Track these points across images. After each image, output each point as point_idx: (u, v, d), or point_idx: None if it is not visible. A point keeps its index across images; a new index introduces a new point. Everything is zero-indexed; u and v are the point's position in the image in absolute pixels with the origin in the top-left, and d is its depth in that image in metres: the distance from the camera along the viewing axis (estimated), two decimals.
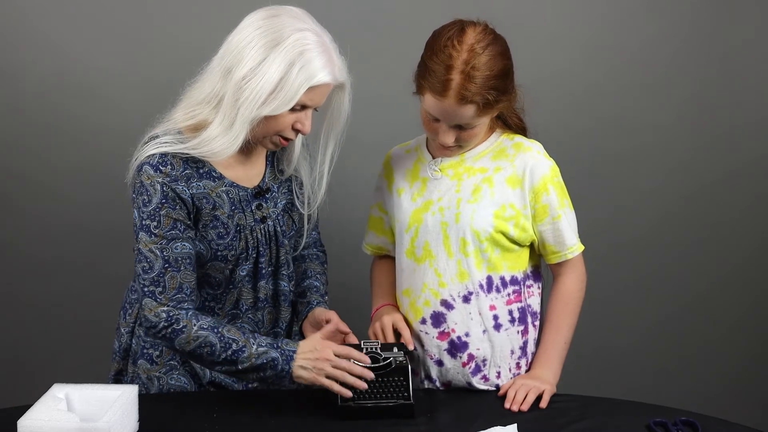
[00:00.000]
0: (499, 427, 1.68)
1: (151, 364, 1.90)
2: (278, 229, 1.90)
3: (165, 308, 1.76)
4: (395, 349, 1.82)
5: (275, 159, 1.94)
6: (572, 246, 1.90)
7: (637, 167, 2.75)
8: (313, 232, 2.08)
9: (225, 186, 1.83)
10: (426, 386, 1.93)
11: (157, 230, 1.76)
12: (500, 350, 1.88)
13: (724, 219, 2.80)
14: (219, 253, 1.82)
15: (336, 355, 1.75)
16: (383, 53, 2.54)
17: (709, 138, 2.75)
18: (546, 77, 2.56)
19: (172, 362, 1.90)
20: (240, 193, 1.85)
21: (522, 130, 1.94)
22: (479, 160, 1.89)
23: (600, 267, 2.37)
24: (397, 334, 1.90)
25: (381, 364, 1.77)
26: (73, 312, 2.67)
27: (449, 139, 1.81)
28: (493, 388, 1.89)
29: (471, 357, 1.88)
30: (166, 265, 1.76)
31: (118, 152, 2.51)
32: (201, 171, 1.81)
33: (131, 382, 1.92)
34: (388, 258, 2.06)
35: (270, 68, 1.69)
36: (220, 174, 1.83)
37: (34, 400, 1.60)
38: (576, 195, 1.95)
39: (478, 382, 1.89)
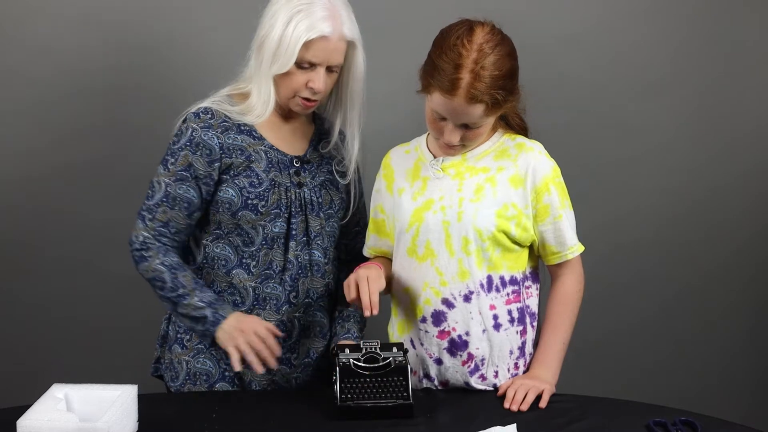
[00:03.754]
0: (498, 427, 1.68)
1: (182, 349, 1.97)
2: (314, 198, 1.97)
3: (145, 234, 1.92)
4: (395, 349, 1.82)
5: (319, 142, 2.03)
6: (572, 246, 1.91)
7: (638, 168, 2.75)
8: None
9: (264, 146, 1.94)
10: (424, 385, 1.93)
11: (171, 166, 1.90)
12: (499, 350, 1.88)
13: (725, 219, 2.80)
14: (249, 202, 1.90)
15: (258, 334, 1.83)
16: (383, 53, 2.54)
17: (711, 139, 2.75)
18: (546, 78, 2.56)
19: (199, 346, 1.95)
20: (279, 156, 1.95)
21: (523, 130, 1.94)
22: (481, 160, 1.89)
23: (600, 267, 2.37)
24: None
25: (380, 364, 1.77)
26: (73, 312, 2.67)
27: (455, 138, 1.81)
28: (491, 388, 1.89)
29: (471, 356, 1.88)
30: (164, 199, 1.90)
31: (118, 152, 2.53)
32: (242, 128, 1.93)
33: (166, 369, 2.00)
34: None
35: (275, 27, 1.84)
36: (261, 135, 1.94)
37: (34, 400, 1.60)
38: (576, 195, 1.95)
39: (476, 382, 1.89)
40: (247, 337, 1.83)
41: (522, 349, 1.92)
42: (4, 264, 2.66)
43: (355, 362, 1.78)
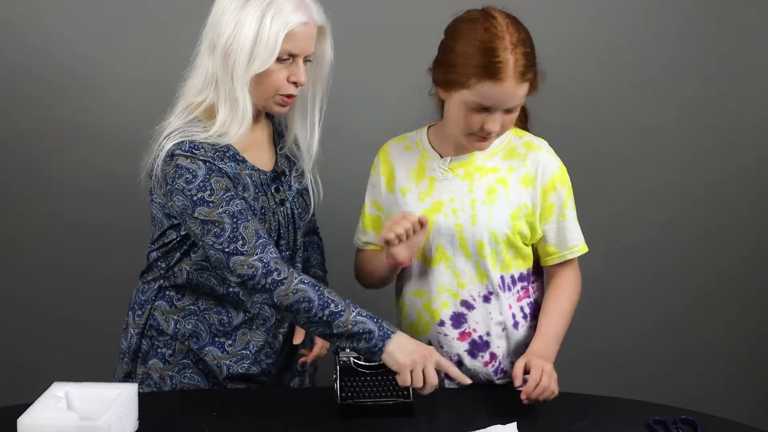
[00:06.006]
0: (499, 425, 1.68)
1: (164, 364, 1.91)
2: (295, 211, 1.92)
3: (255, 257, 1.70)
4: None
5: (279, 145, 1.96)
6: (574, 247, 1.89)
7: (637, 167, 2.75)
8: (312, 217, 2.09)
9: (248, 169, 1.84)
10: (446, 385, 1.89)
11: (212, 197, 1.73)
12: (516, 346, 1.89)
13: (725, 219, 2.80)
14: None
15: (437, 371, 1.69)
16: (384, 51, 2.54)
17: (710, 137, 2.75)
18: (544, 76, 2.56)
19: (185, 361, 1.90)
20: (261, 177, 1.87)
21: (525, 117, 1.91)
22: (490, 159, 1.87)
23: (600, 267, 2.37)
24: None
25: (380, 362, 1.77)
26: (73, 311, 2.67)
27: (497, 126, 1.74)
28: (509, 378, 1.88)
29: (493, 356, 1.87)
30: (235, 220, 1.72)
31: (118, 151, 2.53)
32: (227, 154, 1.81)
33: (141, 383, 1.91)
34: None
35: (244, 26, 1.73)
36: (243, 158, 1.84)
37: (34, 399, 1.60)
38: (577, 195, 1.95)
39: (499, 378, 1.89)
40: (436, 363, 1.69)
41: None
42: (5, 264, 2.66)
43: (356, 361, 1.77)
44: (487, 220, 1.82)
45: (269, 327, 1.93)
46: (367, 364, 1.77)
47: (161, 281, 1.90)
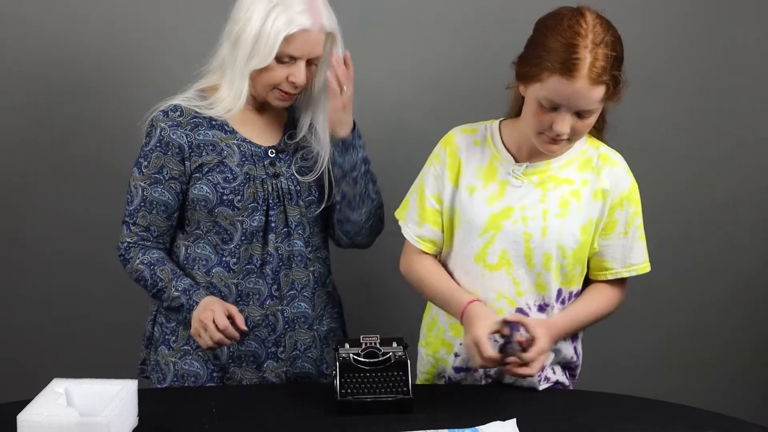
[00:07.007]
0: (498, 422, 1.68)
1: (169, 350, 1.96)
2: (291, 187, 1.94)
3: (129, 240, 1.94)
4: (394, 344, 1.82)
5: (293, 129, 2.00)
6: (634, 265, 1.86)
7: (634, 165, 2.74)
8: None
9: (237, 140, 1.92)
10: (483, 382, 1.90)
11: (145, 169, 1.91)
12: (557, 356, 1.88)
13: (726, 218, 2.79)
14: (225, 197, 1.88)
15: (218, 325, 1.79)
16: (394, 48, 2.54)
17: (709, 135, 2.74)
18: None
19: (185, 347, 1.94)
20: (252, 148, 1.93)
21: (602, 124, 1.85)
22: (565, 170, 1.82)
23: None
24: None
25: (380, 359, 1.77)
26: (73, 308, 2.67)
27: (566, 127, 1.68)
28: (553, 383, 1.89)
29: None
30: (142, 204, 1.91)
31: (118, 147, 2.53)
32: (213, 122, 1.91)
33: (152, 370, 1.98)
34: (426, 255, 1.92)
35: (251, 22, 1.81)
36: (233, 129, 1.93)
37: (34, 395, 1.60)
38: None
39: (543, 384, 1.87)
40: (209, 330, 1.79)
41: (575, 351, 1.92)
42: (5, 261, 2.66)
43: (355, 357, 1.78)
44: (558, 234, 1.78)
45: (263, 300, 1.94)
46: (367, 360, 1.77)
47: None
